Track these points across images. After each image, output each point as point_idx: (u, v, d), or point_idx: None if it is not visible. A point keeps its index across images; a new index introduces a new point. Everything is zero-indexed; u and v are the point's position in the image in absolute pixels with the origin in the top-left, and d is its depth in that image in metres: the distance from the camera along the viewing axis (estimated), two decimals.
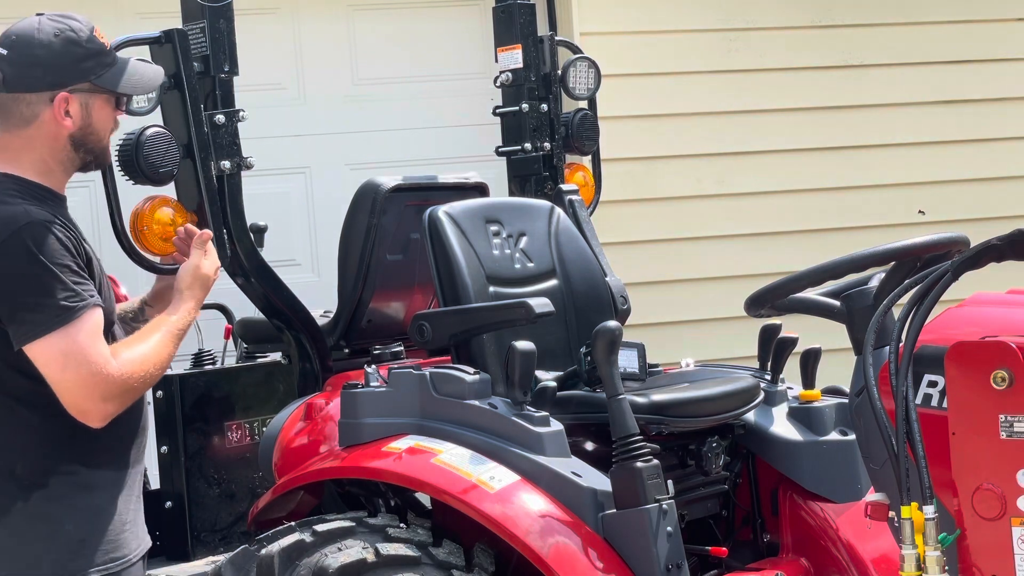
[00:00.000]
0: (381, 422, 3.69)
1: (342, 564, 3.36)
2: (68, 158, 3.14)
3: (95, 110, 3.13)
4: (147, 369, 3.05)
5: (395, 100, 6.60)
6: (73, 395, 2.95)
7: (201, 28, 3.93)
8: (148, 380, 3.06)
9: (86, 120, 3.12)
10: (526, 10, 4.65)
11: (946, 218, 6.96)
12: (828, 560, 3.85)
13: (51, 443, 3.04)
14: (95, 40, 3.12)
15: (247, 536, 3.93)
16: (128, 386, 3.00)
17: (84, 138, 3.13)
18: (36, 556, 3.02)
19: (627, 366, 3.74)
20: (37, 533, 3.03)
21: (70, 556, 3.03)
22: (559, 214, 4.25)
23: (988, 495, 2.81)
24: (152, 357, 3.08)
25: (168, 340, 3.14)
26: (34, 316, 2.92)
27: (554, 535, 3.33)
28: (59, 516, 3.04)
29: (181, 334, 3.21)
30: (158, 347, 3.10)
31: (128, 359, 3.02)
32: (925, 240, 3.22)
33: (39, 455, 3.04)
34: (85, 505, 3.06)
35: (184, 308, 3.26)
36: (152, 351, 3.08)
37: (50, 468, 3.04)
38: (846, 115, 7.04)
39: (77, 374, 2.93)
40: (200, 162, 3.93)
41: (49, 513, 3.03)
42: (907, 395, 2.86)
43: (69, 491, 3.05)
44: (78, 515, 3.05)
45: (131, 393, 3.03)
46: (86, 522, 3.06)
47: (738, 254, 6.82)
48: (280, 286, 4.12)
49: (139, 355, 3.05)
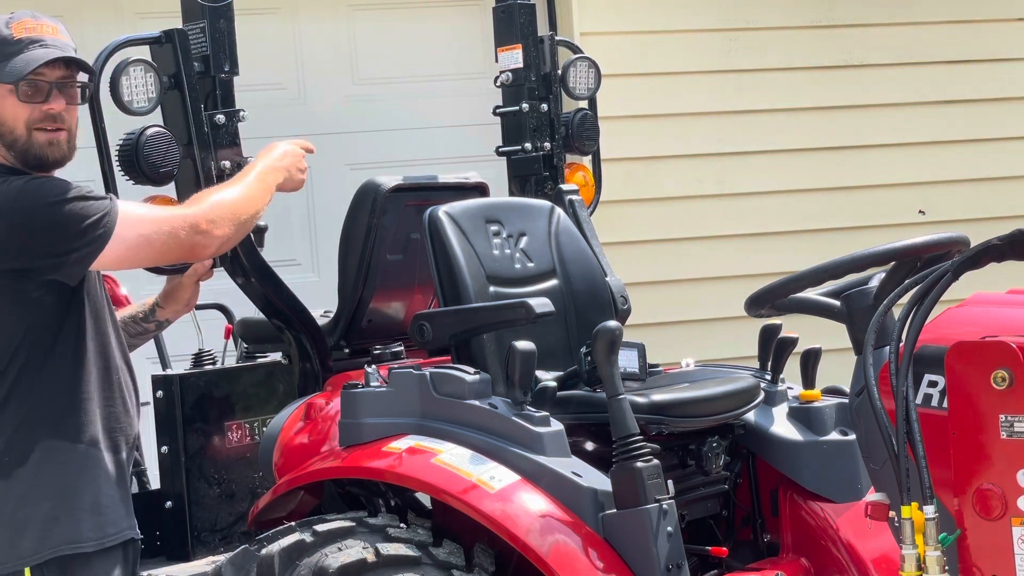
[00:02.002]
0: (381, 422, 3.69)
1: (342, 564, 3.36)
2: (4, 153, 3.18)
3: None
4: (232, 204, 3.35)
5: (395, 100, 6.60)
6: (175, 251, 3.26)
7: (201, 28, 3.92)
8: (237, 213, 3.35)
9: None
10: (526, 10, 4.64)
11: (946, 218, 6.97)
12: (828, 560, 3.84)
13: (29, 422, 3.07)
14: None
15: (247, 536, 3.93)
16: (218, 216, 3.29)
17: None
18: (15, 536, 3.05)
19: (627, 366, 3.74)
20: (14, 514, 3.05)
21: (46, 535, 3.07)
22: (559, 214, 4.25)
23: (988, 495, 2.81)
24: (236, 195, 3.38)
25: (254, 183, 3.45)
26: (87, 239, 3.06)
27: (554, 535, 3.33)
28: (37, 496, 3.08)
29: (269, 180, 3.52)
30: (245, 189, 3.42)
31: (206, 200, 3.32)
32: (925, 240, 3.22)
33: (17, 432, 3.06)
34: (63, 485, 3.09)
35: (269, 159, 3.57)
36: (237, 191, 3.40)
37: (29, 447, 3.06)
38: (846, 115, 7.05)
39: (167, 238, 3.19)
40: (200, 162, 3.93)
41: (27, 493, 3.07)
42: (907, 395, 2.86)
43: (46, 471, 3.07)
44: (56, 494, 3.09)
45: (226, 222, 3.31)
46: (63, 501, 3.09)
47: (738, 254, 6.82)
48: (280, 286, 4.12)
49: (218, 195, 3.36)
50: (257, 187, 3.44)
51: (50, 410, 3.10)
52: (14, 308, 3.06)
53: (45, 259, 3.04)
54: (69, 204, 3.05)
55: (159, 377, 4.29)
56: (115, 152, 3.78)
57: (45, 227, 3.04)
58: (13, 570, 3.08)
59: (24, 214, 3.03)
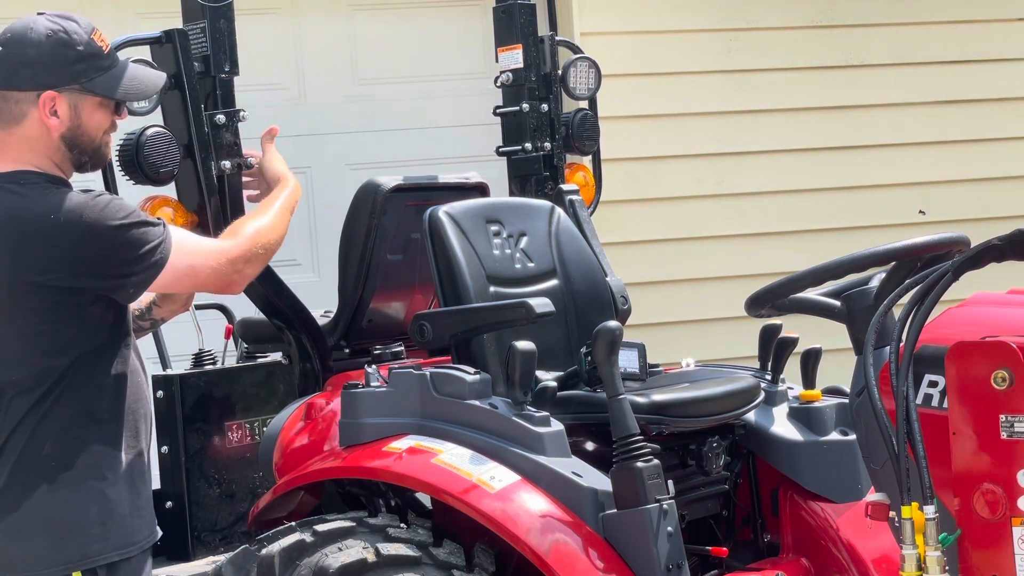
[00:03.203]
0: (381, 422, 3.69)
1: (342, 564, 3.37)
2: (64, 157, 3.15)
3: (85, 112, 3.13)
4: (270, 235, 3.37)
5: (395, 100, 6.60)
6: (214, 283, 3.28)
7: (201, 28, 3.93)
8: (271, 242, 3.37)
9: (75, 121, 3.12)
10: (526, 10, 4.64)
11: (946, 218, 6.96)
12: (828, 560, 3.85)
13: (75, 429, 3.07)
14: (91, 43, 3.11)
15: (247, 536, 3.93)
16: (253, 253, 3.31)
17: (75, 139, 3.14)
18: (60, 541, 3.05)
19: (627, 366, 3.74)
20: (60, 518, 3.05)
21: (93, 539, 3.06)
22: (559, 214, 4.25)
23: (988, 495, 2.81)
24: (267, 227, 3.38)
25: (281, 212, 3.46)
26: (141, 267, 3.07)
27: (554, 535, 3.33)
28: (84, 500, 3.06)
29: (292, 206, 3.53)
30: (274, 218, 3.42)
31: (244, 234, 3.32)
32: (925, 240, 3.22)
33: (66, 439, 3.06)
34: (108, 489, 3.09)
35: (291, 183, 3.60)
36: (268, 222, 3.39)
37: (77, 452, 3.06)
38: (846, 115, 7.05)
39: (205, 274, 3.22)
40: (201, 162, 3.93)
41: (73, 498, 3.06)
42: (907, 395, 2.86)
43: (93, 475, 3.07)
44: (102, 499, 3.08)
45: (259, 258, 3.34)
46: (109, 506, 3.09)
47: (738, 254, 6.82)
48: (280, 286, 4.12)
49: (253, 228, 3.35)
50: (285, 219, 3.48)
51: (96, 415, 3.10)
52: (71, 319, 3.06)
53: (106, 280, 3.04)
54: (132, 228, 3.05)
55: (159, 377, 4.29)
56: (115, 152, 3.78)
57: (109, 249, 3.04)
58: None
59: (90, 233, 3.02)
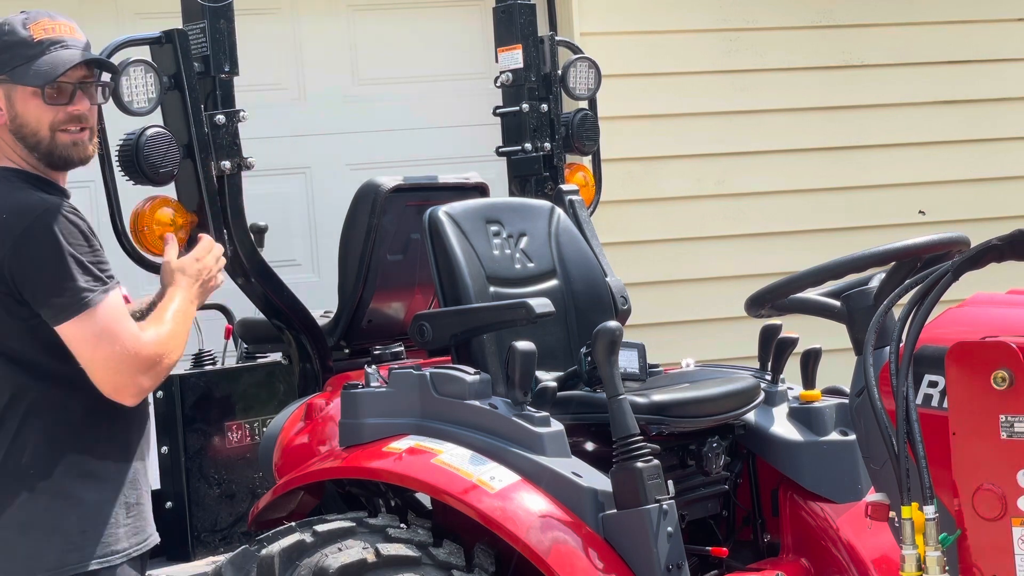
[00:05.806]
0: (381, 422, 3.69)
1: (342, 564, 3.37)
2: (27, 153, 3.16)
3: (19, 102, 3.14)
4: (172, 346, 3.14)
5: (395, 100, 6.60)
6: (107, 372, 3.03)
7: (201, 28, 3.93)
8: (174, 356, 3.15)
9: (11, 112, 3.14)
10: (526, 10, 4.65)
11: (946, 218, 6.96)
12: (828, 560, 3.85)
13: (58, 434, 3.06)
14: (15, 33, 3.13)
15: (247, 536, 3.93)
16: (158, 360, 3.09)
17: (17, 130, 3.15)
18: (38, 548, 3.03)
19: (627, 366, 3.74)
20: (40, 525, 3.03)
21: (71, 547, 3.05)
22: (559, 214, 4.25)
23: (988, 495, 2.81)
24: (173, 336, 3.16)
25: (179, 322, 3.22)
26: (61, 300, 2.99)
27: (554, 535, 3.33)
28: (62, 508, 3.05)
29: (187, 320, 3.27)
30: (175, 327, 3.19)
31: (155, 335, 3.12)
32: (925, 240, 3.22)
33: (46, 446, 3.05)
34: (89, 497, 3.08)
35: (178, 296, 3.30)
36: (171, 331, 3.17)
37: (56, 459, 3.05)
38: (846, 115, 7.04)
39: (110, 351, 3.02)
40: (200, 162, 3.93)
41: (52, 506, 3.04)
42: (907, 395, 2.86)
43: (74, 483, 3.06)
44: (82, 507, 3.07)
45: (162, 369, 3.11)
46: (89, 514, 3.07)
47: (738, 254, 6.82)
48: (280, 286, 4.12)
49: (165, 332, 3.14)
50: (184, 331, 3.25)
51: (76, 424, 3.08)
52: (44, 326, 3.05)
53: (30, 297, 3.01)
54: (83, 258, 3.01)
55: None
56: (115, 153, 3.78)
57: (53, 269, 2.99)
58: None
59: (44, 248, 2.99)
